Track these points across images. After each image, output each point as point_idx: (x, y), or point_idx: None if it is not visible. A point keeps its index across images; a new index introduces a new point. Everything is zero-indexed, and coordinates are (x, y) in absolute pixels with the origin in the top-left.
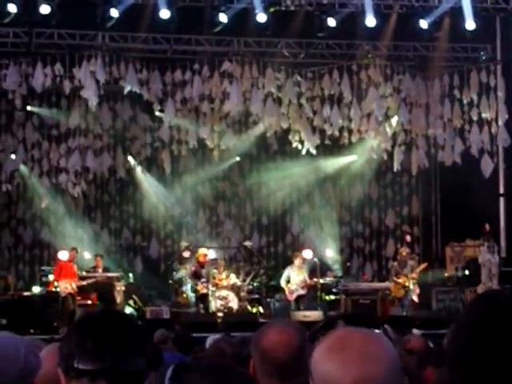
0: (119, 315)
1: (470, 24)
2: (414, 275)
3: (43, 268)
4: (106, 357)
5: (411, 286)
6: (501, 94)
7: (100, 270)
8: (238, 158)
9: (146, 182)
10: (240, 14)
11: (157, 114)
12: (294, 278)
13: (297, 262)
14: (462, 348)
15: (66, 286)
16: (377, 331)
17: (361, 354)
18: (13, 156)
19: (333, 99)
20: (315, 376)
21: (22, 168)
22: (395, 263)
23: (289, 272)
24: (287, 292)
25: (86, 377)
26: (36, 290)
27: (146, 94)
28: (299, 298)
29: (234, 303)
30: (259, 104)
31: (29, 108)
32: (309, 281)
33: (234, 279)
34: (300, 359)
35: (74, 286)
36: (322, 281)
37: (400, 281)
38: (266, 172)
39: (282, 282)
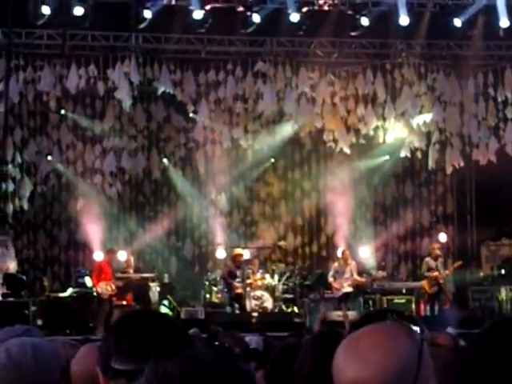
0: (157, 315)
1: (504, 22)
2: (447, 272)
3: (79, 269)
4: (142, 357)
5: (445, 284)
6: None
7: (131, 270)
8: (272, 160)
9: (180, 182)
10: (273, 13)
11: (191, 115)
12: (340, 275)
13: (344, 258)
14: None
15: (106, 288)
16: (404, 330)
17: (363, 357)
18: (48, 158)
19: (367, 98)
20: (333, 371)
21: (59, 167)
22: (428, 258)
23: (336, 268)
24: (333, 288)
25: (123, 377)
26: (71, 291)
27: (179, 94)
28: (345, 295)
29: (268, 303)
30: (293, 104)
31: (62, 112)
32: (358, 278)
33: (268, 279)
34: None
35: (113, 287)
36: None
37: (433, 275)
38: (299, 172)
39: (330, 278)
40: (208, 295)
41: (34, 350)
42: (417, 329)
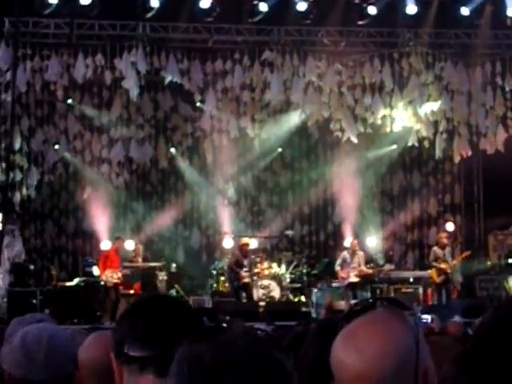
0: (171, 299)
1: None
2: (454, 262)
3: (86, 258)
4: (156, 344)
5: (453, 273)
6: None
7: (140, 259)
8: (280, 150)
9: (188, 171)
10: (280, 2)
11: (198, 104)
12: (348, 264)
13: (352, 248)
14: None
15: (111, 276)
16: (398, 318)
17: (360, 349)
18: (55, 146)
19: (374, 87)
20: (331, 363)
21: (67, 155)
22: (435, 248)
23: (344, 257)
24: (340, 277)
25: (135, 363)
26: (77, 280)
27: (186, 83)
28: (351, 285)
29: (276, 292)
30: (300, 93)
31: (70, 102)
32: (365, 269)
33: (275, 268)
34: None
35: (119, 275)
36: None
37: (442, 266)
38: (307, 161)
39: (337, 267)
40: (215, 284)
41: (50, 339)
42: (409, 314)
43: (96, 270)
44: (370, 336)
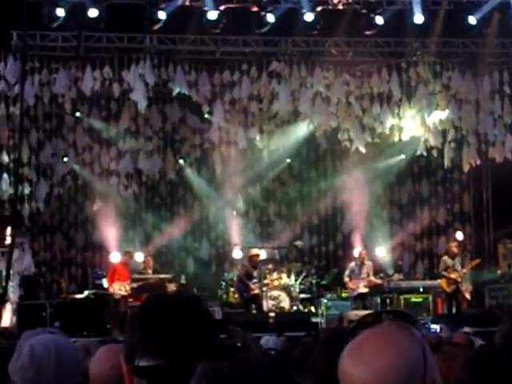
0: (185, 304)
1: None
2: (464, 271)
3: (96, 270)
4: (167, 355)
5: (462, 283)
6: None
7: (150, 271)
8: (288, 160)
9: (196, 183)
10: (287, 13)
11: (206, 116)
12: (357, 275)
13: (361, 258)
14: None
15: (119, 289)
16: (405, 331)
17: (368, 362)
18: (64, 159)
19: (382, 97)
20: (339, 375)
21: (76, 167)
22: (445, 257)
23: (352, 268)
24: (349, 288)
25: (146, 374)
26: (87, 292)
27: (194, 95)
28: (361, 295)
29: (285, 303)
30: (308, 103)
31: (78, 114)
32: (374, 280)
33: (285, 279)
34: None
35: (127, 288)
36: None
37: (452, 276)
38: (315, 171)
39: (345, 278)
40: (225, 295)
41: (57, 352)
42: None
43: (105, 283)
44: (376, 349)
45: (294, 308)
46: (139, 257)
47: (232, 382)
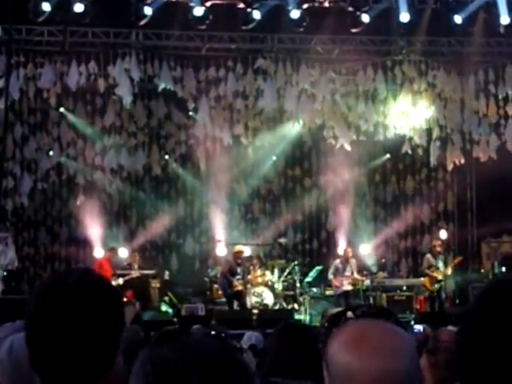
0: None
1: (505, 18)
2: (448, 269)
3: (79, 266)
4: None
5: (446, 281)
6: None
7: (136, 267)
8: (274, 158)
9: (181, 179)
10: (273, 10)
11: (190, 113)
12: (341, 273)
13: (345, 256)
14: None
15: None
16: (391, 324)
17: (379, 348)
18: (50, 153)
19: (367, 95)
20: (333, 370)
21: (63, 160)
22: (428, 255)
23: (336, 265)
24: (333, 285)
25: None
26: None
27: (180, 91)
28: (345, 293)
29: (269, 300)
30: (293, 101)
31: (62, 110)
32: (358, 276)
33: (269, 276)
34: None
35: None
36: (368, 281)
37: (435, 274)
38: (300, 168)
39: (330, 275)
40: (208, 292)
41: None
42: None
43: None
44: (384, 335)
45: (278, 305)
46: (123, 252)
47: (176, 365)
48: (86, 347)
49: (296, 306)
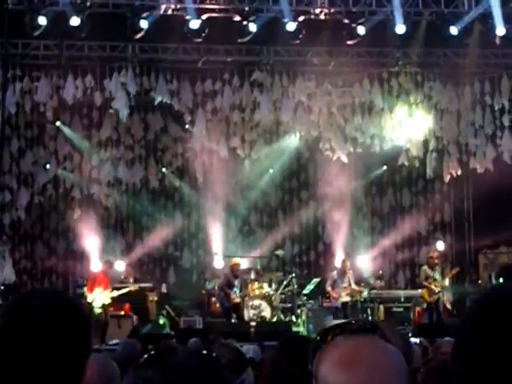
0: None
1: (501, 30)
2: (445, 281)
3: (76, 279)
4: None
5: (443, 292)
6: None
7: (131, 280)
8: (271, 170)
9: (178, 192)
10: (269, 23)
11: (187, 126)
12: (338, 284)
13: (343, 268)
14: (464, 344)
15: (99, 297)
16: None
17: (372, 368)
18: (47, 166)
19: (364, 107)
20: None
21: (61, 172)
22: (425, 267)
23: (333, 277)
24: (332, 297)
25: None
26: None
27: (176, 104)
28: (343, 304)
29: (266, 312)
30: (290, 113)
31: (58, 123)
32: (356, 288)
33: (266, 288)
34: None
35: (107, 297)
36: (366, 292)
37: (432, 287)
38: (297, 181)
39: (327, 287)
40: (206, 305)
41: None
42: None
43: (85, 292)
44: (375, 354)
45: (275, 317)
46: (120, 266)
47: None
48: (48, 372)
49: (294, 318)
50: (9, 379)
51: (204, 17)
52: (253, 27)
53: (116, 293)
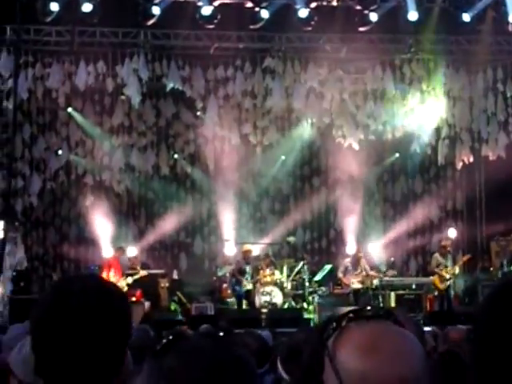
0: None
1: None
2: (456, 268)
3: (88, 265)
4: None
5: (455, 279)
6: None
7: (138, 267)
8: (283, 157)
9: (190, 178)
10: (281, 9)
11: (198, 113)
12: (350, 272)
13: (356, 257)
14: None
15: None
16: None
17: (397, 352)
18: (59, 152)
19: (376, 94)
20: (344, 376)
21: (73, 158)
22: (436, 254)
23: (346, 265)
24: (343, 284)
25: None
26: None
27: (188, 90)
28: (354, 291)
29: (278, 299)
30: (302, 99)
31: (70, 109)
32: (372, 273)
33: (278, 275)
34: None
35: (122, 283)
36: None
37: (443, 273)
38: (308, 167)
39: (339, 274)
40: (218, 291)
41: None
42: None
43: None
44: (398, 339)
45: (287, 304)
46: (132, 252)
47: (183, 373)
48: (91, 355)
49: (305, 305)
50: (51, 362)
51: (216, 3)
52: (265, 14)
53: (130, 279)
